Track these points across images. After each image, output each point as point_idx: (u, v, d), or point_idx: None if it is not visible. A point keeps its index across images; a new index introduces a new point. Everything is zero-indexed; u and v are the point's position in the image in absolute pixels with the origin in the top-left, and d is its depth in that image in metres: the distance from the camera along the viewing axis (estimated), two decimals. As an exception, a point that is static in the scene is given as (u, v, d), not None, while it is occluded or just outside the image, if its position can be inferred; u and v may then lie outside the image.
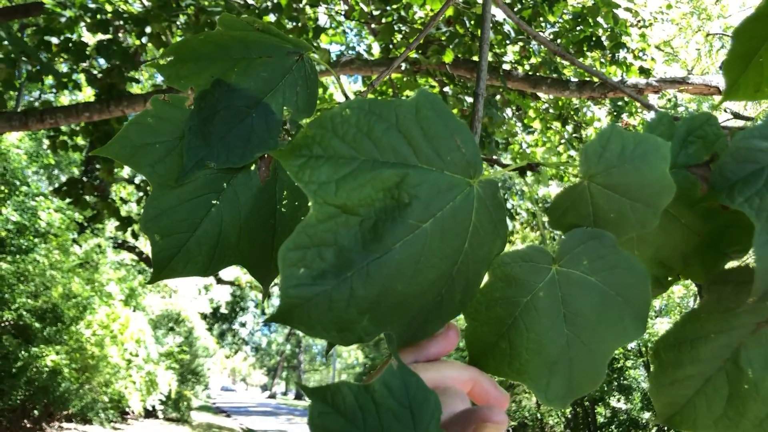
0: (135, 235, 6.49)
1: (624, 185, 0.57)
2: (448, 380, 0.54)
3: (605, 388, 13.31)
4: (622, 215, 0.59)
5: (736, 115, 3.53)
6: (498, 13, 4.96)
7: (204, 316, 22.33)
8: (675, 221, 0.68)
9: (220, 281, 16.19)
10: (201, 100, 0.68)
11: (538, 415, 14.70)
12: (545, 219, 0.64)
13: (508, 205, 8.24)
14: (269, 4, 4.96)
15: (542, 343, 0.58)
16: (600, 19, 5.74)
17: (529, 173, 0.64)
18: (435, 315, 0.56)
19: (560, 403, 0.59)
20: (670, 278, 0.73)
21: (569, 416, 14.25)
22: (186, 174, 0.65)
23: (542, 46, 5.77)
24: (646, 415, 13.26)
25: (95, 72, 5.24)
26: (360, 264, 0.49)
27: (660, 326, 13.36)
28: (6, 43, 4.41)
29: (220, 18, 0.73)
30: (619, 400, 13.59)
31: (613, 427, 13.69)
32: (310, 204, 0.49)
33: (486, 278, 0.58)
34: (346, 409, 0.42)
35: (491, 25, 5.02)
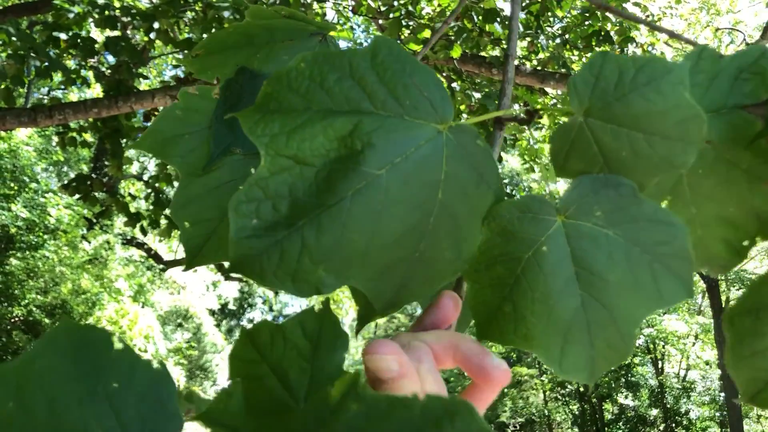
0: (144, 232, 6.49)
1: (631, 117, 0.51)
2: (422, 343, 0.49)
3: (613, 385, 13.27)
4: (638, 153, 0.52)
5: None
6: (507, 8, 4.93)
7: (212, 312, 22.41)
8: (734, 169, 0.60)
9: (228, 278, 16.17)
10: (226, 88, 0.69)
11: (546, 411, 14.67)
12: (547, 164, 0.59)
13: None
14: (278, -1, 4.96)
15: (550, 306, 0.52)
16: (609, 14, 5.71)
17: (536, 171, 0.60)
18: (420, 274, 0.52)
19: (581, 375, 0.53)
20: (745, 242, 0.64)
21: (576, 413, 14.21)
22: (213, 161, 0.67)
23: (550, 41, 5.74)
24: (654, 411, 13.20)
25: (103, 68, 5.24)
26: (312, 214, 0.48)
27: (668, 323, 13.29)
28: (14, 39, 4.42)
29: (249, 10, 0.74)
30: (626, 397, 13.53)
31: (620, 423, 13.65)
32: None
33: (483, 235, 0.52)
34: (260, 342, 0.47)
35: (499, 20, 4.98)
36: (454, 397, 0.34)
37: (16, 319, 9.49)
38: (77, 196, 5.98)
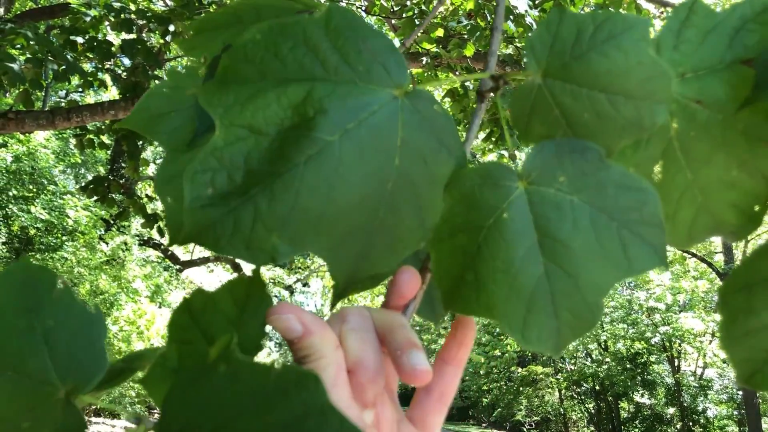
0: (161, 233, 6.57)
1: (591, 76, 0.49)
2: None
3: (629, 383, 13.16)
4: (602, 115, 0.50)
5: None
6: (520, 5, 4.92)
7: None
8: (730, 130, 0.56)
9: (242, 278, 16.24)
10: (212, 66, 0.68)
11: (561, 410, 14.58)
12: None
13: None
14: (290, -1, 5.00)
15: (512, 274, 0.50)
16: (622, 11, 5.68)
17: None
18: (381, 242, 0.51)
19: (545, 346, 0.51)
20: (757, 207, 0.60)
21: (592, 411, 14.11)
22: (198, 138, 0.66)
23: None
24: (671, 410, 13.06)
25: (120, 71, 5.32)
26: (265, 182, 0.47)
27: (684, 321, 13.16)
28: (32, 43, 4.50)
29: (239, -14, 0.75)
30: (643, 396, 13.40)
31: (636, 422, 13.52)
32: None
33: (445, 203, 0.52)
34: (194, 309, 0.48)
35: (512, 18, 4.98)
36: (305, 369, 0.35)
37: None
38: (95, 197, 6.07)
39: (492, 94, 0.58)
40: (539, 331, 0.51)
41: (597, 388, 13.67)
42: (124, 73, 5.28)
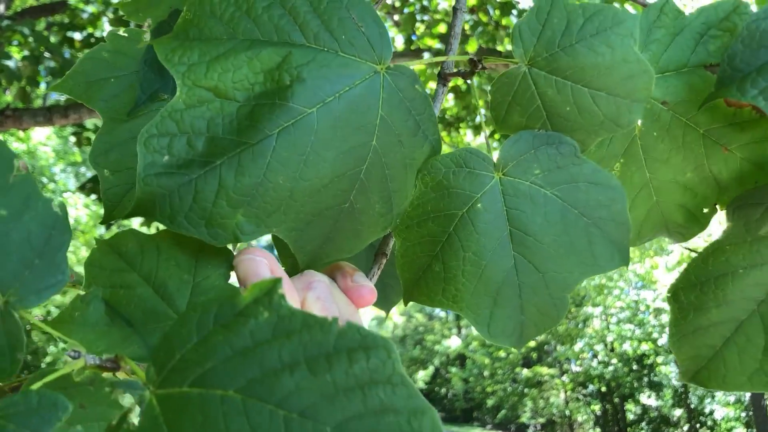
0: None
1: (577, 69, 0.48)
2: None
3: (635, 385, 13.12)
4: (583, 109, 0.50)
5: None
6: (523, 1, 4.87)
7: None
8: (691, 132, 0.57)
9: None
10: (157, 31, 0.65)
11: (567, 411, 14.55)
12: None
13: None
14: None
15: (482, 266, 0.50)
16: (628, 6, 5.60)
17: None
18: (349, 227, 0.49)
19: (509, 340, 0.51)
20: (705, 210, 0.62)
21: (598, 413, 14.08)
22: (139, 107, 0.62)
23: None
24: (678, 412, 13.01)
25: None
26: (231, 152, 0.43)
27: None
28: (30, 39, 4.48)
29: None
30: (649, 397, 13.36)
31: (643, 423, 13.48)
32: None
33: (416, 189, 0.50)
34: (127, 252, 0.45)
35: (515, 12, 4.94)
36: (376, 333, 0.32)
37: (36, 318, 9.58)
38: (94, 196, 6.04)
39: (468, 80, 0.56)
40: (504, 325, 0.51)
41: (603, 389, 13.64)
42: (122, 70, 5.23)
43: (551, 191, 0.50)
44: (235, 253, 0.47)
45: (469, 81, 0.55)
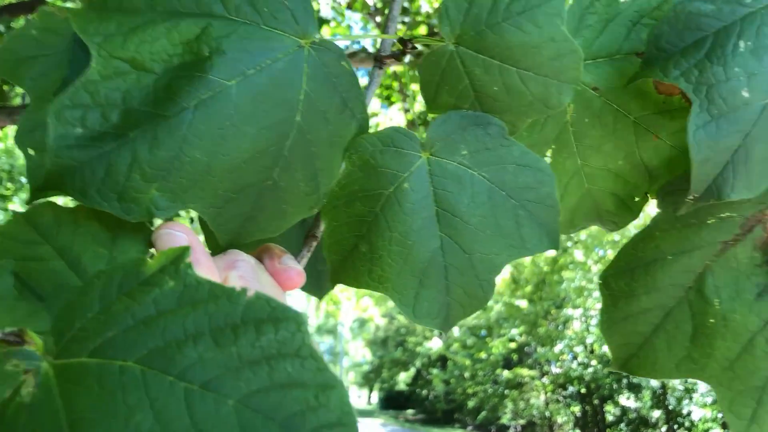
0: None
1: (504, 48, 0.48)
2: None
3: (614, 386, 13.20)
4: (511, 89, 0.49)
5: None
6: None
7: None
8: (622, 119, 0.57)
9: (227, 279, 16.19)
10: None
11: (547, 413, 14.61)
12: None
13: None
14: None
15: (408, 246, 0.49)
16: None
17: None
18: (271, 206, 0.48)
19: (435, 322, 0.50)
20: (637, 198, 0.62)
21: (578, 414, 14.15)
22: (67, 86, 0.60)
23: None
24: (656, 413, 13.11)
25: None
26: (146, 125, 0.42)
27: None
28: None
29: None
30: (628, 398, 13.44)
31: (622, 425, 13.57)
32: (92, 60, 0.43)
33: (344, 168, 0.50)
34: (42, 224, 0.44)
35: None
36: (286, 305, 0.31)
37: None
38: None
39: (398, 61, 0.56)
40: (430, 307, 0.50)
41: (583, 391, 13.69)
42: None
43: (479, 172, 0.49)
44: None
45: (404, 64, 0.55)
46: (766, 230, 0.52)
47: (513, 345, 15.12)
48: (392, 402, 24.61)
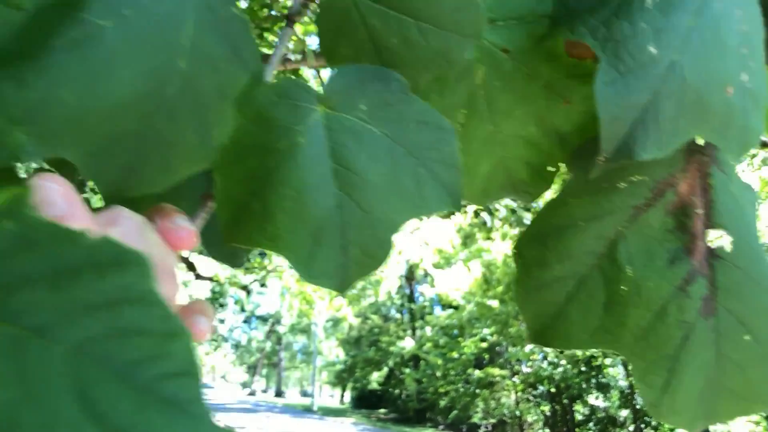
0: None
1: None
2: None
3: (584, 386, 13.34)
4: (410, 42, 0.48)
5: None
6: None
7: (184, 313, 22.04)
8: (532, 83, 0.55)
9: (198, 277, 16.04)
10: None
11: (517, 412, 14.70)
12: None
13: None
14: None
15: (302, 203, 0.47)
16: None
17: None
18: (156, 158, 0.45)
19: (331, 282, 0.48)
20: (550, 167, 0.60)
21: (548, 413, 14.26)
22: None
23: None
24: (624, 412, 13.27)
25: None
26: (13, 64, 0.39)
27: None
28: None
29: None
30: (597, 398, 13.60)
31: (591, 424, 13.72)
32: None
33: (236, 121, 0.47)
34: None
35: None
36: (131, 248, 0.29)
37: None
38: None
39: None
40: (325, 266, 0.48)
41: (552, 390, 13.82)
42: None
43: (378, 128, 0.47)
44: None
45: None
46: (678, 194, 0.51)
47: (484, 345, 15.19)
48: (365, 401, 24.59)
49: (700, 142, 0.52)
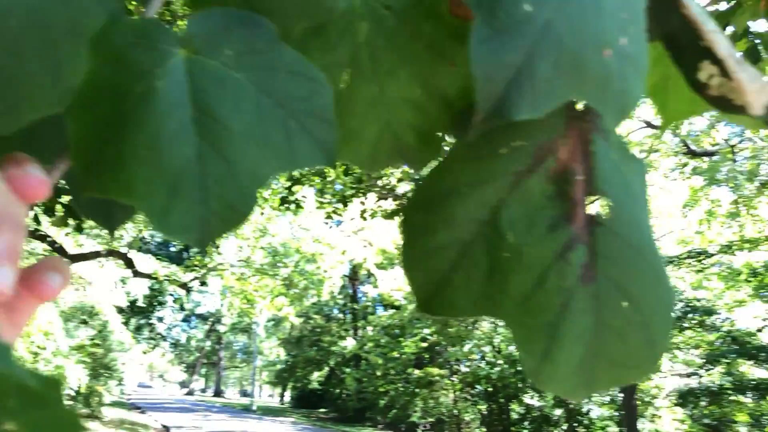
0: (37, 220, 6.12)
1: None
2: None
3: (520, 385, 13.61)
4: None
5: None
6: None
7: (120, 310, 21.47)
8: (415, 42, 0.53)
9: (137, 273, 15.60)
10: None
11: (455, 411, 14.86)
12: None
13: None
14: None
15: (159, 151, 0.43)
16: None
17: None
18: (7, 93, 0.40)
19: (191, 236, 0.45)
20: (438, 133, 0.58)
21: (485, 412, 14.47)
22: None
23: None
24: (558, 412, 13.59)
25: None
26: None
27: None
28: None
29: None
30: (532, 398, 13.90)
31: (526, 423, 13.99)
32: None
33: (91, 62, 0.43)
34: None
35: None
36: None
37: None
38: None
39: None
40: (183, 218, 0.45)
41: (490, 389, 14.03)
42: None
43: (244, 75, 0.45)
44: None
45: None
46: (558, 161, 0.50)
47: (425, 344, 15.31)
48: (305, 401, 24.43)
49: (580, 107, 0.52)
